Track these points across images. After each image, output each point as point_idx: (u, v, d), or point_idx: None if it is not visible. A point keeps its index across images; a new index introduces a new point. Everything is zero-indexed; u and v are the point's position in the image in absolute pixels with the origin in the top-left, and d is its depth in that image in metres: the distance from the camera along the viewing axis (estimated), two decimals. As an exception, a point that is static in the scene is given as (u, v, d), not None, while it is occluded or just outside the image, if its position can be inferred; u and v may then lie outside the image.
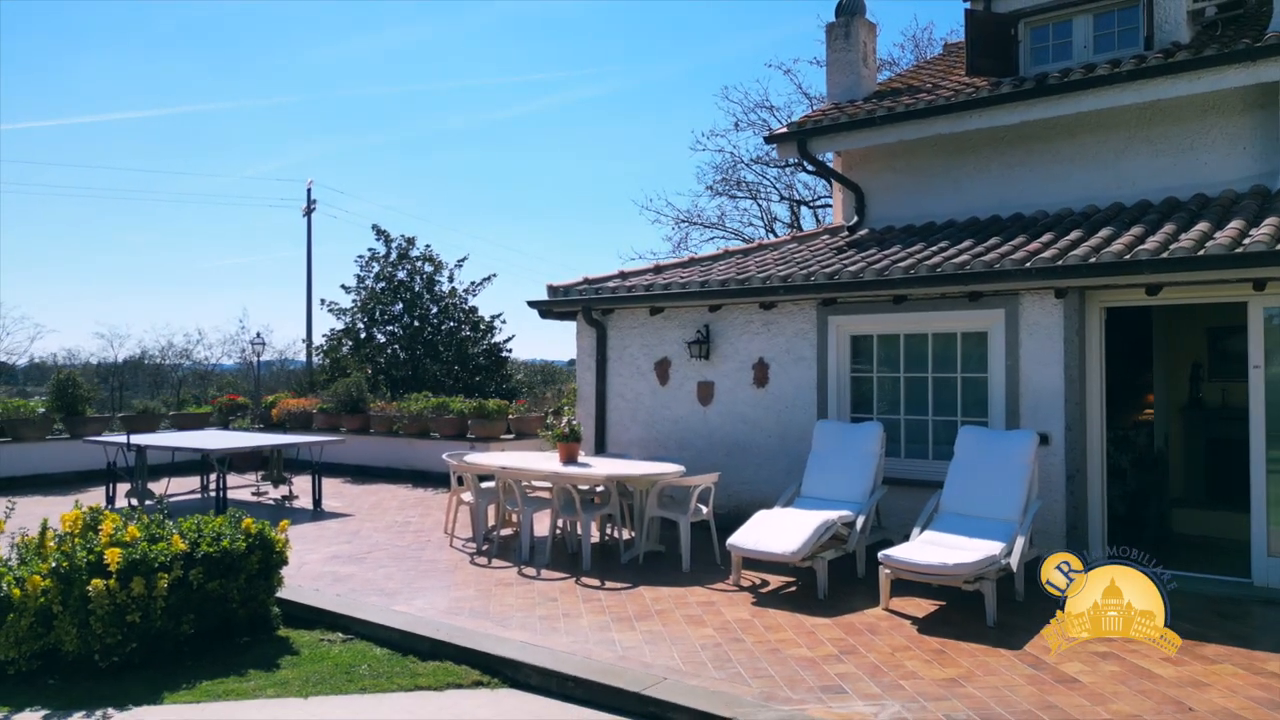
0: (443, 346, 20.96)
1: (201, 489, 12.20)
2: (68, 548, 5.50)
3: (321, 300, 21.80)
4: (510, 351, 22.23)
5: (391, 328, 21.13)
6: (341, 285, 23.37)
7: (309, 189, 31.15)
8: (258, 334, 29.91)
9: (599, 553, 8.29)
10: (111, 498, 11.17)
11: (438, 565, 7.90)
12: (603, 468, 8.28)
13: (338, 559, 8.09)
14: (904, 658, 5.44)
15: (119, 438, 11.49)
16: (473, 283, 21.85)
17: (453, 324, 21.42)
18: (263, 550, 6.05)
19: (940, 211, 10.12)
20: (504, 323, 23.01)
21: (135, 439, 11.06)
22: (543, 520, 9.05)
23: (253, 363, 30.39)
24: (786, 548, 6.74)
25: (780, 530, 7.01)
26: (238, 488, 11.92)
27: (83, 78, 76.68)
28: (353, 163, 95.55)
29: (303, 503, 11.13)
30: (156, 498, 9.49)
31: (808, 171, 16.17)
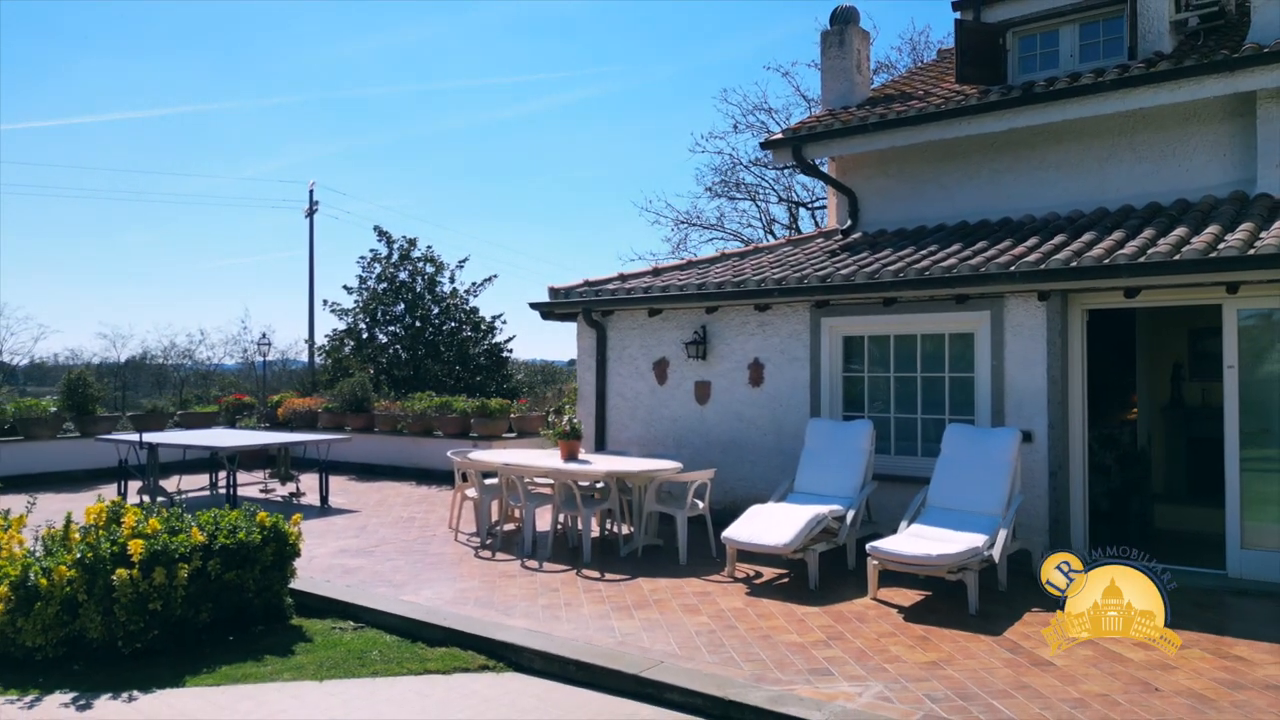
0: (444, 347, 21.20)
1: (211, 486, 12.45)
2: (92, 539, 5.78)
3: (324, 301, 22.01)
4: (511, 352, 22.49)
5: (393, 328, 21.36)
6: (343, 286, 23.62)
7: (311, 190, 31.35)
8: (263, 334, 30.10)
9: (599, 546, 8.57)
10: (124, 494, 11.42)
11: (443, 558, 8.16)
12: (603, 464, 8.54)
13: (346, 552, 8.36)
14: (889, 643, 5.71)
15: (131, 436, 11.76)
16: (474, 283, 22.15)
17: (454, 324, 21.65)
18: (277, 542, 6.32)
19: (931, 216, 10.39)
20: (505, 323, 23.28)
21: (147, 437, 11.34)
22: (544, 515, 9.34)
23: (256, 363, 30.67)
24: (779, 540, 7.01)
25: (773, 524, 7.29)
26: (246, 485, 12.16)
27: (83, 78, 76.87)
28: (353, 163, 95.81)
29: (310, 499, 11.40)
30: (171, 493, 9.74)
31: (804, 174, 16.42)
